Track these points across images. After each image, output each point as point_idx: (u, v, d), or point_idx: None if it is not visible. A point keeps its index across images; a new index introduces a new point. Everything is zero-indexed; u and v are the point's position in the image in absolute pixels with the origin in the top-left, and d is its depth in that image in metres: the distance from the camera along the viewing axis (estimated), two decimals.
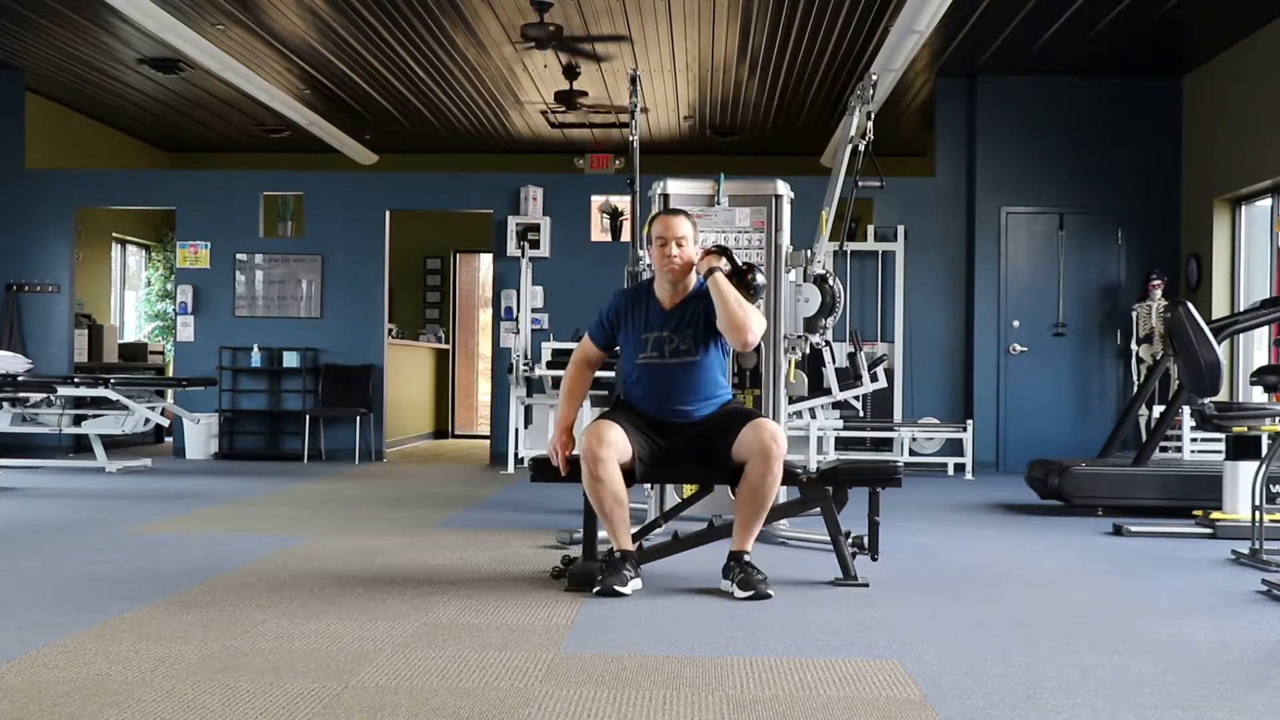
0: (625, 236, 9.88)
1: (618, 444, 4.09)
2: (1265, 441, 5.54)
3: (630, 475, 4.17)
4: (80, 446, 9.86)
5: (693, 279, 4.27)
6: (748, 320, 4.08)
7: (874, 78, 5.70)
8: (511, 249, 9.99)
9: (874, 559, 4.52)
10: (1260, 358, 8.78)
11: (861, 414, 9.44)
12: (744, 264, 4.29)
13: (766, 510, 4.17)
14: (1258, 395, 7.28)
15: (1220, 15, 8.28)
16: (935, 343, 9.97)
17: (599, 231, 10.31)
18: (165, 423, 9.80)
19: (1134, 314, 9.56)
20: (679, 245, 4.20)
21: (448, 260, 14.02)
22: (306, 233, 10.38)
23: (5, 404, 8.74)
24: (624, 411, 4.29)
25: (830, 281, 5.63)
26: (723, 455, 4.17)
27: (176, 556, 4.80)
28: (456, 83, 10.24)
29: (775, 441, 4.06)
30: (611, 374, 4.50)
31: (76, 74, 10.20)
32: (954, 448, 9.54)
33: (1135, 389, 9.18)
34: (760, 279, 4.32)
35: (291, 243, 10.42)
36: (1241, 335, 8.23)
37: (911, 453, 9.46)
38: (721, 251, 4.23)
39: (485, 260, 13.92)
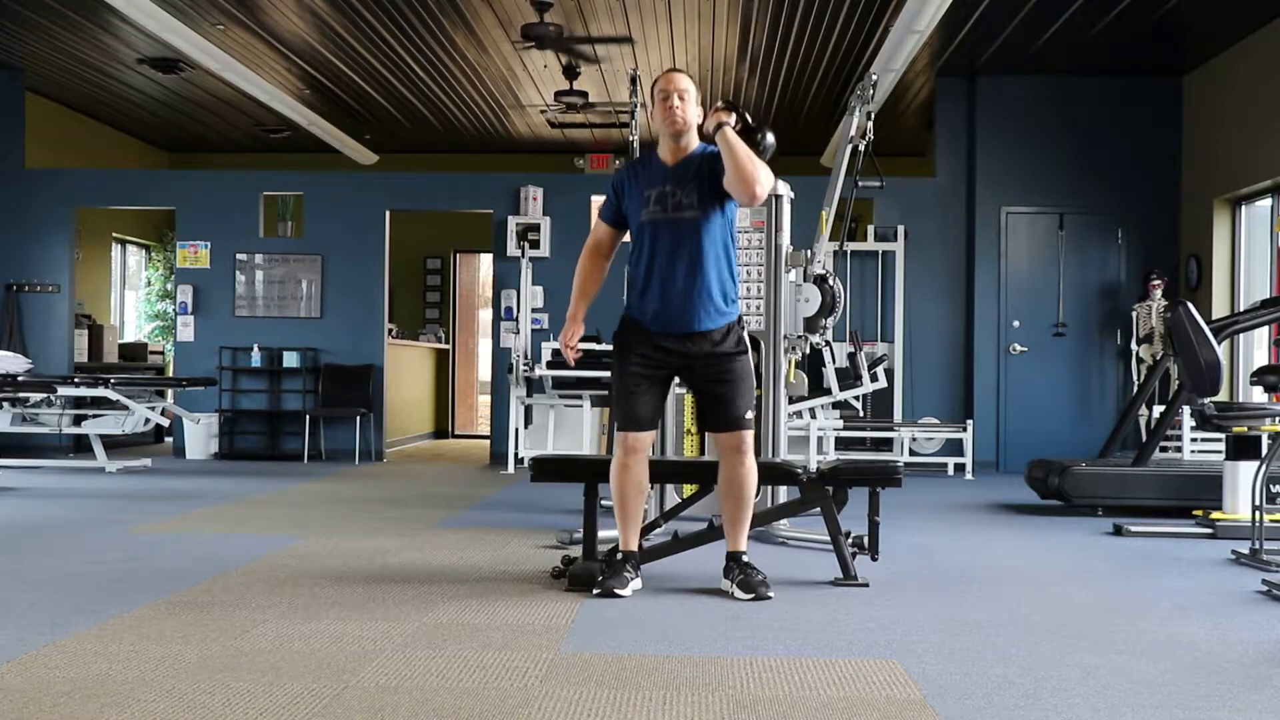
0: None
1: (649, 440, 4.15)
2: (1265, 441, 5.54)
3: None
4: (80, 446, 9.86)
5: (694, 140, 4.17)
6: (756, 172, 3.98)
7: (874, 78, 5.70)
8: (511, 249, 9.99)
9: (874, 559, 4.52)
10: (1260, 358, 8.78)
11: (861, 414, 9.44)
12: (754, 122, 4.19)
13: (749, 504, 4.15)
14: (1258, 395, 7.28)
15: (1220, 15, 8.28)
16: (935, 343, 9.97)
17: None
18: (165, 423, 9.80)
19: (1134, 314, 9.57)
20: (680, 98, 4.11)
21: (448, 260, 14.02)
22: (306, 233, 10.38)
23: (5, 404, 8.74)
24: (631, 354, 4.14)
25: (830, 281, 5.63)
26: (703, 426, 4.23)
27: (176, 556, 4.80)
28: (456, 83, 10.24)
29: (740, 445, 4.09)
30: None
31: (76, 74, 10.20)
32: (954, 448, 9.54)
33: (1135, 389, 9.18)
34: (770, 138, 4.26)
35: (291, 243, 10.42)
36: (1241, 335, 8.23)
37: (911, 453, 9.45)
38: (731, 107, 4.13)
39: (485, 260, 13.92)
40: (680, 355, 4.12)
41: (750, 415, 4.14)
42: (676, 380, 4.36)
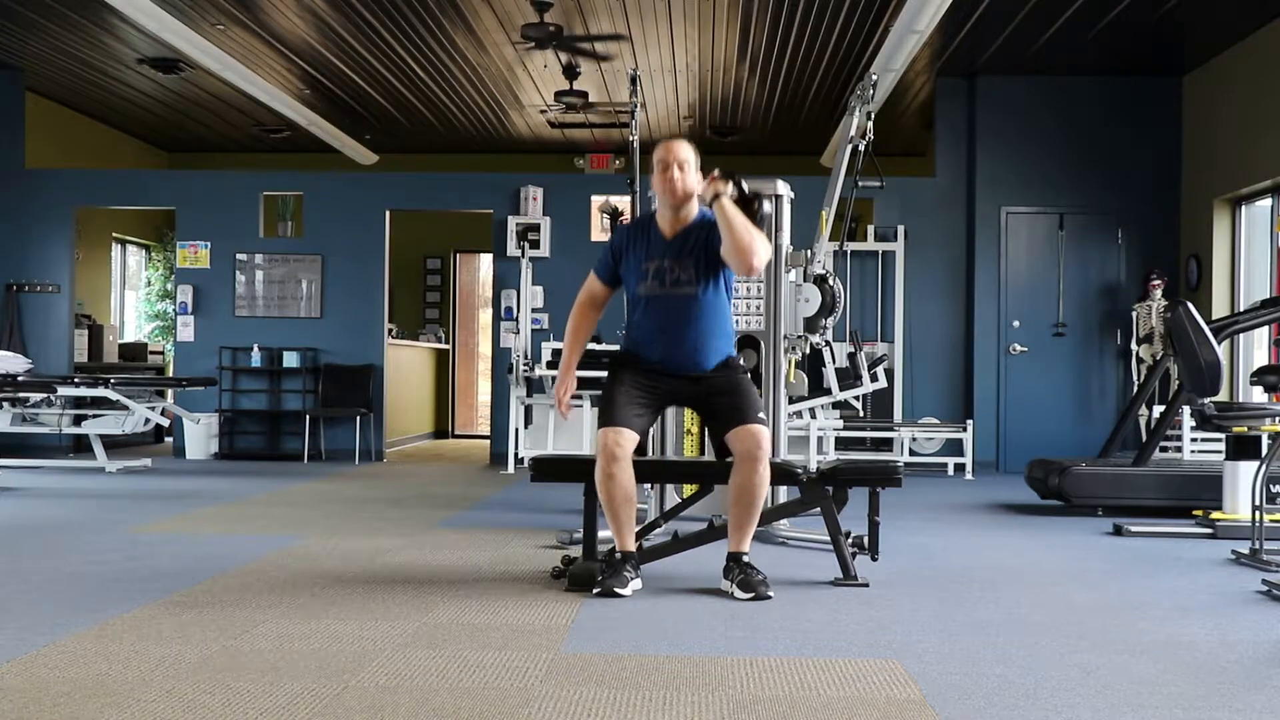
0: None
1: (632, 440, 4.10)
2: (1265, 441, 5.54)
3: (641, 450, 4.18)
4: (80, 446, 9.86)
5: (694, 209, 4.20)
6: (753, 244, 4.01)
7: (874, 78, 5.70)
8: (511, 249, 9.99)
9: (874, 559, 4.52)
10: (1260, 358, 8.78)
11: (861, 414, 9.44)
12: (750, 191, 4.21)
13: (758, 509, 4.16)
14: (1258, 395, 7.28)
15: (1220, 15, 8.28)
16: (935, 343, 9.97)
17: (599, 231, 10.30)
18: (165, 423, 9.81)
19: (1134, 314, 9.57)
20: (680, 169, 4.14)
21: (448, 260, 14.02)
22: (306, 233, 10.38)
23: (5, 404, 8.74)
24: (627, 372, 4.22)
25: (830, 281, 5.63)
26: (715, 435, 4.18)
27: (176, 556, 4.80)
28: (456, 83, 10.25)
29: (759, 446, 4.06)
30: (607, 375, 4.47)
31: (76, 74, 10.20)
32: (954, 448, 9.54)
33: (1135, 389, 9.18)
34: (766, 207, 4.28)
35: (291, 243, 10.42)
36: (1241, 335, 8.23)
37: (911, 453, 9.46)
38: (729, 176, 4.15)
39: (485, 260, 13.92)
40: (678, 380, 4.20)
41: (762, 415, 4.16)
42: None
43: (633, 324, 4.28)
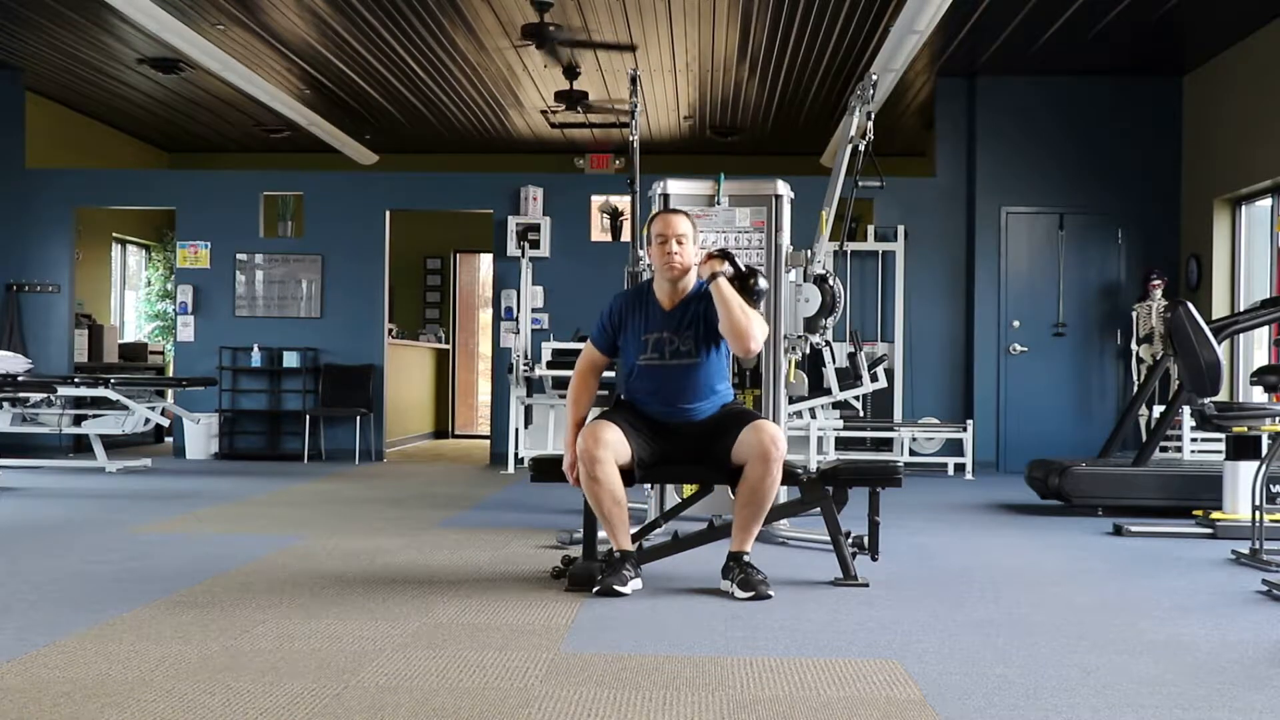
0: (625, 236, 9.88)
1: (615, 445, 4.09)
2: (1265, 441, 5.54)
3: (629, 476, 4.17)
4: (80, 446, 9.86)
5: (692, 279, 4.26)
6: (750, 328, 4.07)
7: (874, 78, 5.70)
8: (511, 249, 9.99)
9: (874, 559, 4.52)
10: (1260, 358, 8.78)
11: (861, 414, 9.44)
12: (746, 267, 4.25)
13: (765, 511, 4.17)
14: (1258, 395, 7.28)
15: (1220, 15, 8.28)
16: (935, 343, 9.97)
17: (599, 231, 10.31)
18: (165, 423, 9.81)
19: (1134, 314, 9.57)
20: (679, 243, 4.19)
21: (448, 260, 14.03)
22: (306, 233, 10.38)
23: (5, 404, 8.74)
24: (624, 412, 4.28)
25: (830, 281, 5.63)
26: (722, 457, 4.17)
27: (176, 556, 4.80)
28: (456, 83, 10.25)
29: (774, 444, 4.06)
30: (613, 374, 4.48)
31: (76, 74, 10.20)
32: (954, 448, 9.54)
33: (1135, 389, 9.18)
34: (763, 284, 4.30)
35: (291, 243, 10.42)
36: (1241, 335, 8.23)
37: (911, 453, 9.46)
38: (724, 256, 4.19)
39: (485, 260, 13.93)
40: (676, 423, 4.26)
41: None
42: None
43: (632, 385, 4.33)
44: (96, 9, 8.19)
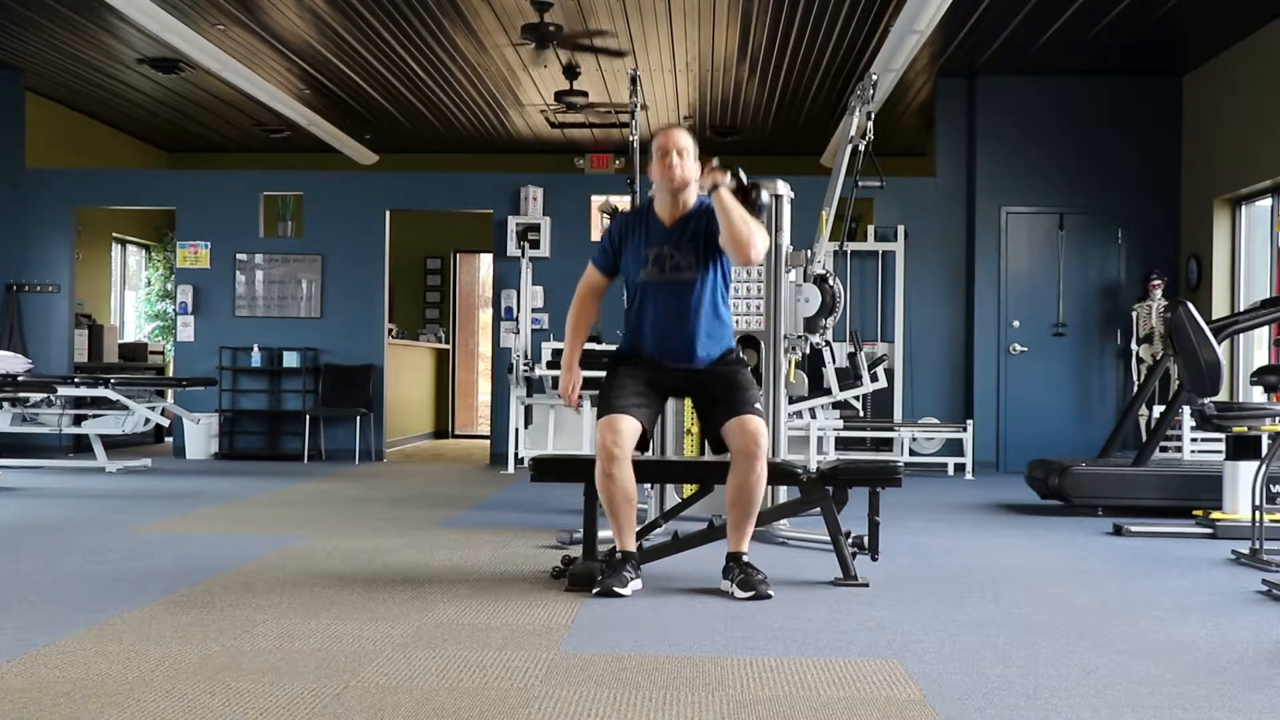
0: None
1: (631, 434, 4.08)
2: (1265, 441, 5.54)
3: (644, 444, 4.17)
4: (80, 446, 9.86)
5: (693, 196, 4.21)
6: (752, 236, 4.02)
7: (874, 78, 5.70)
8: (511, 249, 9.99)
9: (874, 559, 4.52)
10: (1260, 358, 8.78)
11: (861, 414, 9.44)
12: (748, 180, 4.22)
13: (756, 508, 4.15)
14: (1258, 395, 7.28)
15: (1220, 15, 8.28)
16: (935, 343, 9.97)
17: (599, 231, 10.30)
18: (165, 423, 9.81)
19: (1134, 314, 9.57)
20: (679, 155, 4.16)
21: (448, 260, 14.03)
22: (306, 233, 10.38)
23: (5, 404, 8.74)
24: (624, 365, 4.21)
25: (830, 281, 5.63)
26: (712, 428, 4.17)
27: (176, 556, 4.80)
28: (456, 83, 10.25)
29: (756, 443, 4.05)
30: (605, 374, 4.46)
31: (76, 74, 10.20)
32: (954, 448, 9.54)
33: (1135, 389, 9.18)
34: (765, 196, 4.28)
35: (291, 243, 10.42)
36: (1241, 335, 8.23)
37: (911, 453, 9.46)
38: (726, 167, 4.17)
39: (485, 260, 13.92)
40: (676, 373, 4.20)
41: (759, 404, 4.15)
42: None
43: (631, 317, 4.28)
44: (96, 9, 8.19)
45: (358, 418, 10.10)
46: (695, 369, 4.20)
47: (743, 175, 4.18)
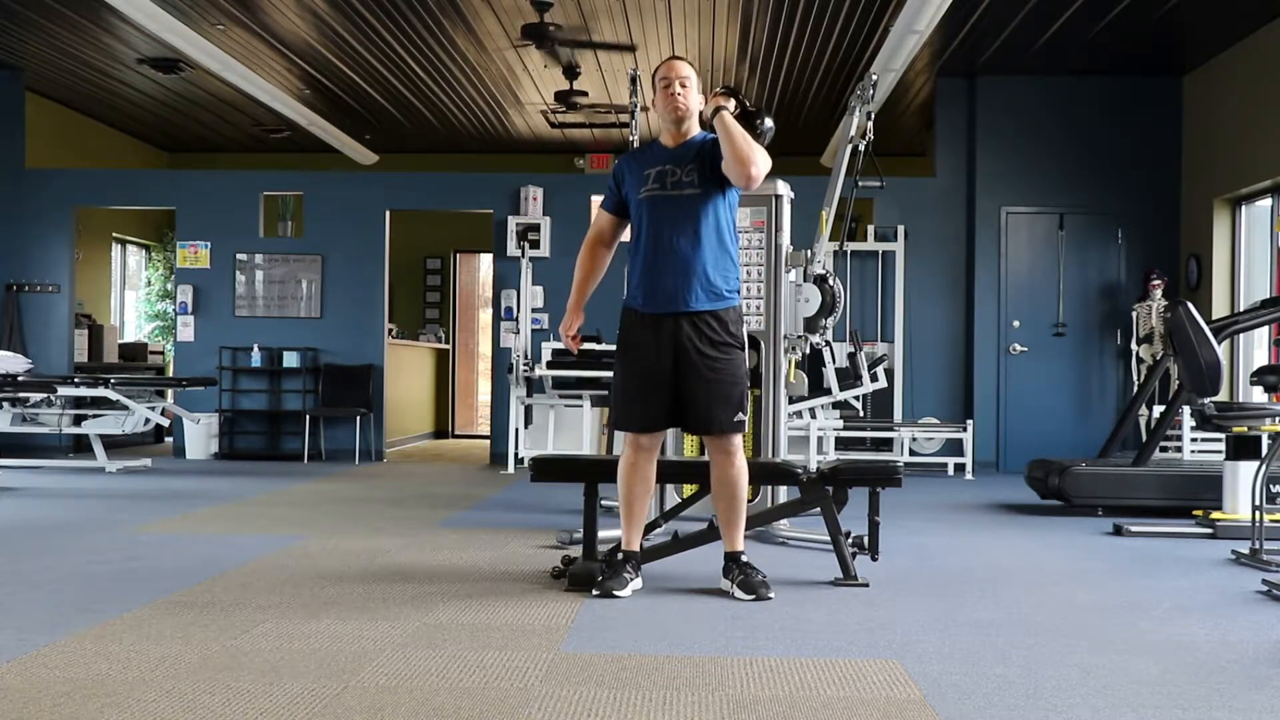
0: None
1: (658, 438, 4.13)
2: (1265, 441, 5.54)
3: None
4: (80, 446, 9.86)
5: (695, 128, 4.21)
6: (753, 154, 4.01)
7: (874, 78, 5.70)
8: (511, 249, 9.99)
9: (874, 559, 4.52)
10: (1260, 358, 8.78)
11: (861, 414, 9.44)
12: (752, 106, 4.24)
13: (743, 503, 4.14)
14: (1258, 395, 7.28)
15: (1220, 15, 8.28)
16: (935, 343, 9.97)
17: None
18: (165, 423, 9.80)
19: (1134, 314, 9.57)
20: (682, 85, 4.19)
21: (448, 260, 14.02)
22: (306, 233, 10.38)
23: (5, 404, 8.74)
24: (633, 357, 4.11)
25: (830, 281, 5.63)
26: (687, 426, 4.17)
27: (176, 556, 4.80)
28: (456, 83, 10.24)
29: (727, 452, 4.05)
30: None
31: (76, 74, 10.20)
32: (954, 448, 9.54)
33: (1135, 389, 9.18)
34: (769, 123, 4.29)
35: (291, 243, 10.42)
36: (1241, 335, 8.23)
37: (911, 453, 9.46)
38: (730, 93, 4.18)
39: (485, 260, 13.92)
40: (673, 342, 4.04)
41: (738, 418, 4.04)
42: None
43: (632, 251, 4.19)
44: (96, 9, 8.19)
45: (358, 418, 10.10)
46: (690, 331, 4.03)
47: (746, 102, 4.20)
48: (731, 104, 4.13)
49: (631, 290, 4.19)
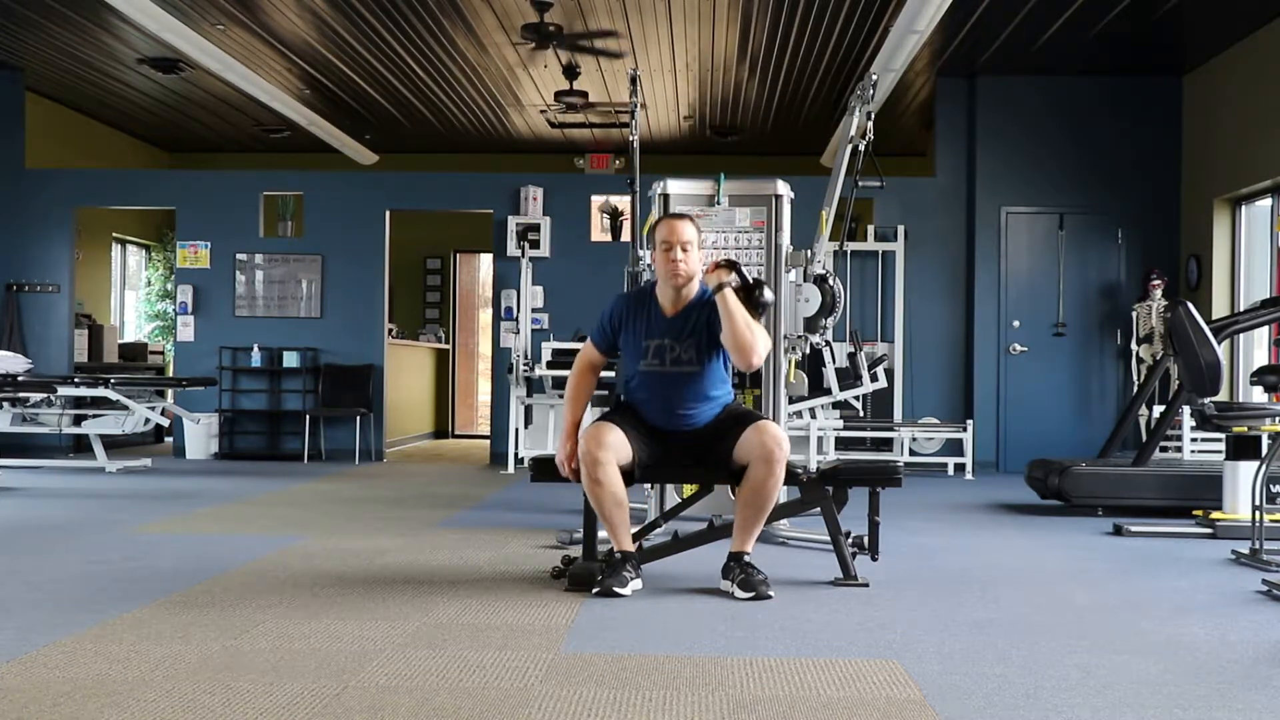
0: (625, 236, 9.89)
1: (616, 446, 4.09)
2: (1265, 441, 5.54)
3: (629, 477, 4.17)
4: (80, 446, 9.86)
5: (695, 287, 4.23)
6: (754, 343, 4.05)
7: (874, 78, 5.70)
8: (511, 249, 9.99)
9: (874, 559, 4.52)
10: (1260, 358, 8.78)
11: (861, 414, 9.43)
12: (753, 279, 4.23)
13: (767, 512, 4.17)
14: (1258, 395, 7.28)
15: (1220, 15, 8.28)
16: (935, 343, 9.97)
17: (599, 231, 10.31)
18: (165, 423, 9.80)
19: (1134, 314, 9.57)
20: (684, 250, 4.15)
21: (448, 260, 14.02)
22: (306, 233, 10.38)
23: (5, 404, 8.74)
24: (625, 414, 4.27)
25: (830, 281, 5.63)
26: (724, 457, 4.17)
27: (176, 556, 4.80)
28: (456, 83, 10.24)
29: (778, 445, 4.06)
30: (613, 374, 4.47)
31: (76, 74, 10.20)
32: (954, 448, 9.54)
33: (1135, 389, 9.18)
34: (768, 295, 4.27)
35: (291, 243, 10.42)
36: (1241, 335, 8.23)
37: (911, 453, 9.46)
38: (731, 266, 4.16)
39: (485, 260, 13.93)
40: (678, 434, 4.25)
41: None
42: None
43: (632, 390, 4.31)
44: (96, 9, 8.19)
45: (358, 418, 10.10)
46: (696, 427, 4.25)
47: (746, 273, 4.19)
48: (733, 278, 4.11)
49: (630, 399, 4.33)
